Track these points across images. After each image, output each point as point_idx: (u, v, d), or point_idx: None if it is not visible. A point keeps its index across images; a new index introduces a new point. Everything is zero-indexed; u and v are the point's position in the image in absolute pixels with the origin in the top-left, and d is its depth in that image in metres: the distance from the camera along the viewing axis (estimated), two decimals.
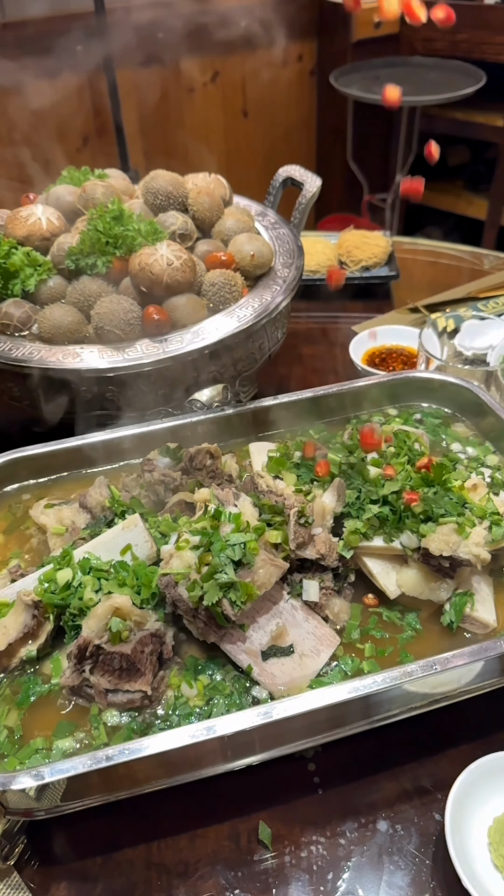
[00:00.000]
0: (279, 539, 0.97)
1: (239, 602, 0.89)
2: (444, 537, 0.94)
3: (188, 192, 1.48)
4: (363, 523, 1.00)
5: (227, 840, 0.93)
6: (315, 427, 1.31)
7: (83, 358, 1.24)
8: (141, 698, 0.89)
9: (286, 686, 0.91)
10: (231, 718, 0.82)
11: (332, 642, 0.95)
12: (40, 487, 1.22)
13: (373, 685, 0.84)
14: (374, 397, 1.34)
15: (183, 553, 0.93)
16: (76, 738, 0.89)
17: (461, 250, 2.27)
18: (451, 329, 1.54)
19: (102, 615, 0.90)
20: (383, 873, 0.89)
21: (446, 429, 1.29)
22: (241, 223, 1.48)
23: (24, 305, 1.31)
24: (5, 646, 0.93)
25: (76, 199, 1.45)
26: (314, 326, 1.96)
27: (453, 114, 3.84)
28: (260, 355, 1.42)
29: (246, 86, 3.79)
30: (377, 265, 2.04)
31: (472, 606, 0.97)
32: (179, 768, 0.87)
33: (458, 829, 0.87)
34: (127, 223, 1.32)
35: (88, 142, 3.42)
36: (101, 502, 1.08)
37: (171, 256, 1.28)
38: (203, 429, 1.26)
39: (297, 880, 0.89)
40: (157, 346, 1.26)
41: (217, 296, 1.35)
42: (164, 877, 0.90)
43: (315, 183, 1.59)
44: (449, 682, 0.90)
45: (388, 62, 3.72)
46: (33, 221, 1.39)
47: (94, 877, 0.91)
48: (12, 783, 0.78)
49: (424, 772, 0.98)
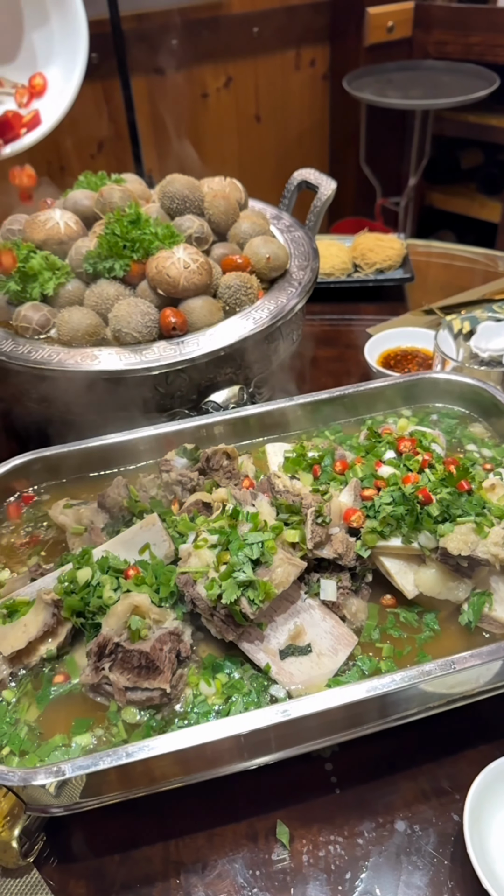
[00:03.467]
0: (297, 538, 0.97)
1: (257, 601, 0.90)
2: (463, 537, 0.94)
3: (204, 195, 1.49)
4: (379, 522, 1.00)
5: (244, 839, 0.93)
6: (331, 428, 1.31)
7: (101, 360, 1.25)
8: (160, 696, 0.89)
9: (304, 685, 0.91)
10: (249, 716, 0.82)
11: (349, 642, 0.95)
12: (59, 487, 1.23)
13: (390, 684, 0.84)
14: (390, 398, 1.34)
15: (201, 552, 0.94)
16: (95, 735, 0.89)
17: (475, 252, 2.27)
18: (466, 331, 1.54)
19: (122, 613, 0.91)
20: (401, 873, 0.89)
21: (463, 429, 1.29)
22: (256, 226, 1.49)
23: (42, 309, 1.33)
24: (25, 644, 0.94)
25: (93, 204, 1.46)
26: (329, 329, 1.96)
27: (466, 117, 3.84)
28: (275, 357, 1.43)
29: (259, 91, 3.81)
30: (392, 268, 2.05)
31: (490, 606, 0.97)
32: (198, 766, 0.88)
33: (476, 829, 0.87)
34: (144, 227, 1.33)
35: (103, 148, 3.45)
36: (120, 502, 1.09)
37: (187, 259, 1.30)
38: (219, 430, 1.27)
39: (314, 880, 0.89)
40: (173, 348, 1.27)
41: (233, 298, 1.35)
42: (182, 875, 0.91)
43: (330, 186, 1.60)
44: (467, 681, 0.90)
45: (400, 66, 3.73)
46: (51, 226, 1.41)
47: (113, 875, 0.91)
48: (33, 779, 0.78)
49: (442, 772, 0.98)
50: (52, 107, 1.69)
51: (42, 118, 1.68)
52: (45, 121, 1.68)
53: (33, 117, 1.66)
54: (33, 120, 1.66)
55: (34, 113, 1.67)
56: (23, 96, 1.70)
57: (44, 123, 1.68)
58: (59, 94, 1.70)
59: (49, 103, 1.70)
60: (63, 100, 1.69)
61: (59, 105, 1.69)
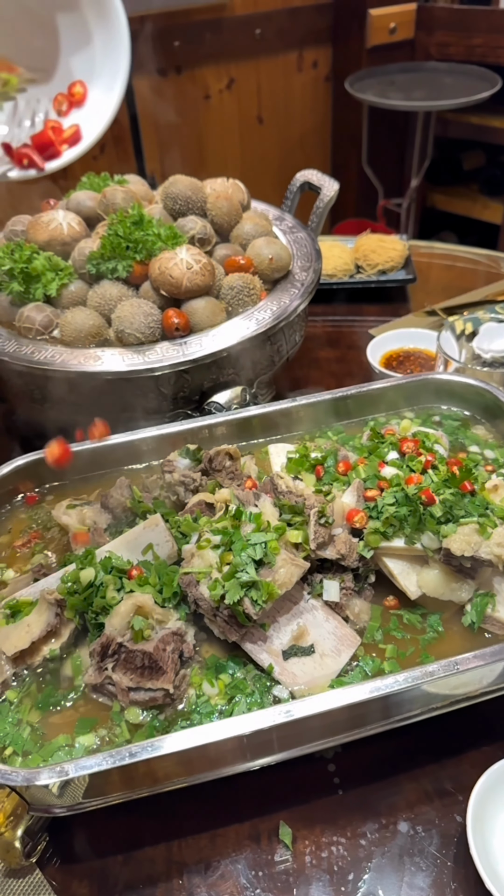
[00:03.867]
0: (300, 539, 0.97)
1: (260, 601, 0.90)
2: (466, 538, 0.94)
3: (207, 196, 1.49)
4: (382, 523, 1.00)
5: (247, 839, 0.93)
6: (333, 429, 1.31)
7: (104, 361, 1.25)
8: (163, 696, 0.89)
9: (307, 685, 0.91)
10: (253, 717, 0.82)
11: (352, 642, 0.95)
12: (62, 488, 1.24)
13: (394, 685, 0.84)
14: (393, 399, 1.34)
15: (204, 552, 0.94)
16: (98, 735, 0.89)
17: (477, 254, 2.27)
18: (469, 332, 1.54)
19: (125, 613, 0.91)
20: (404, 874, 0.89)
21: (466, 431, 1.29)
22: (259, 227, 1.49)
23: (45, 309, 1.33)
24: (29, 644, 0.94)
25: (96, 205, 1.47)
26: (331, 330, 1.96)
27: (468, 118, 3.85)
28: (278, 358, 1.43)
29: (261, 92, 3.81)
30: (394, 269, 2.05)
31: (493, 607, 0.97)
32: (201, 767, 0.88)
33: (479, 830, 0.87)
34: (147, 228, 1.34)
35: (105, 149, 3.45)
36: (123, 503, 1.09)
37: (190, 260, 1.30)
38: (222, 431, 1.27)
39: (317, 880, 0.89)
40: (176, 349, 1.27)
41: (235, 299, 1.36)
42: (185, 875, 0.90)
43: (332, 187, 1.60)
44: (470, 682, 0.90)
45: (402, 67, 3.74)
46: (54, 227, 1.41)
47: (115, 875, 0.91)
48: (37, 779, 0.78)
49: (445, 773, 0.98)
50: (92, 121, 1.65)
51: (83, 133, 1.64)
52: (85, 136, 1.64)
53: (74, 133, 1.63)
54: (74, 136, 1.63)
55: (75, 128, 1.63)
56: (62, 104, 1.66)
57: (84, 139, 1.64)
58: (100, 106, 1.66)
59: (89, 116, 1.66)
60: (104, 113, 1.64)
61: (99, 119, 1.64)
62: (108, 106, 1.66)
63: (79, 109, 1.67)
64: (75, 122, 1.66)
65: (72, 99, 1.67)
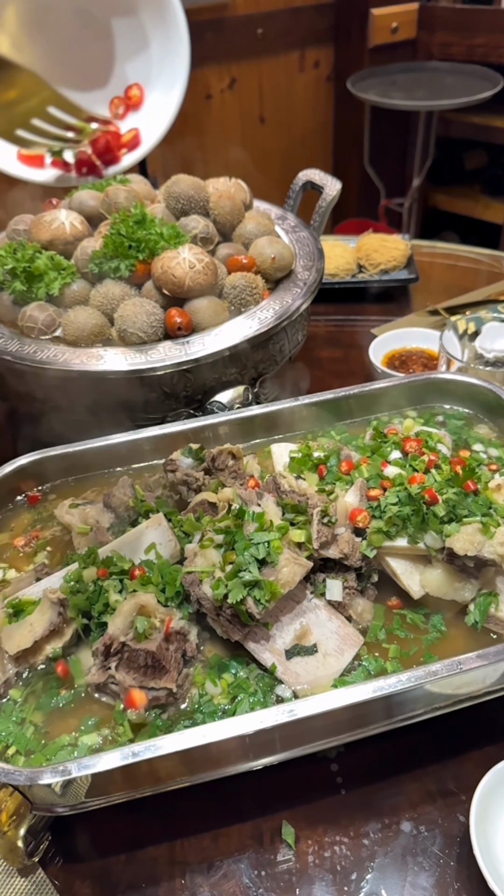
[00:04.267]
0: (302, 538, 0.97)
1: (263, 600, 0.90)
2: (469, 537, 0.94)
3: (209, 196, 1.49)
4: (385, 522, 1.00)
5: (250, 839, 0.93)
6: (336, 428, 1.31)
7: (106, 360, 1.25)
8: (166, 696, 0.89)
9: (310, 685, 0.91)
10: (256, 716, 0.82)
11: (355, 642, 0.95)
12: (65, 487, 1.24)
13: (397, 684, 0.84)
14: (395, 399, 1.34)
15: (207, 551, 0.94)
16: (101, 735, 0.89)
17: (480, 253, 2.26)
18: (471, 331, 1.53)
19: (128, 613, 0.91)
20: (407, 874, 0.89)
21: (469, 430, 1.29)
22: (261, 226, 1.49)
23: (48, 309, 1.33)
24: (31, 643, 0.93)
25: (99, 204, 1.47)
26: (334, 329, 1.96)
27: (470, 118, 3.84)
28: (280, 357, 1.43)
29: (263, 92, 3.81)
30: (396, 268, 2.04)
31: (496, 607, 0.97)
32: (203, 766, 0.87)
33: (482, 830, 0.87)
34: (149, 227, 1.34)
35: None
36: (125, 502, 1.09)
37: (192, 260, 1.30)
38: (224, 430, 1.27)
39: (320, 880, 0.89)
40: (178, 349, 1.27)
41: (238, 298, 1.36)
42: (188, 875, 0.90)
43: (335, 186, 1.60)
44: (473, 682, 0.90)
45: (404, 67, 3.74)
46: (57, 226, 1.41)
47: (118, 875, 0.91)
48: (40, 778, 0.78)
49: (448, 773, 0.98)
50: (151, 124, 1.61)
51: (142, 138, 1.60)
52: (145, 140, 1.61)
53: (133, 137, 1.60)
54: (133, 140, 1.60)
55: (134, 132, 1.60)
56: (118, 107, 1.63)
57: (144, 143, 1.61)
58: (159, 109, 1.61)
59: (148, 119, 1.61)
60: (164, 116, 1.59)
61: (159, 122, 1.60)
62: (168, 108, 1.63)
63: (136, 113, 1.64)
64: (133, 125, 1.63)
65: (129, 102, 1.64)
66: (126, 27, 1.63)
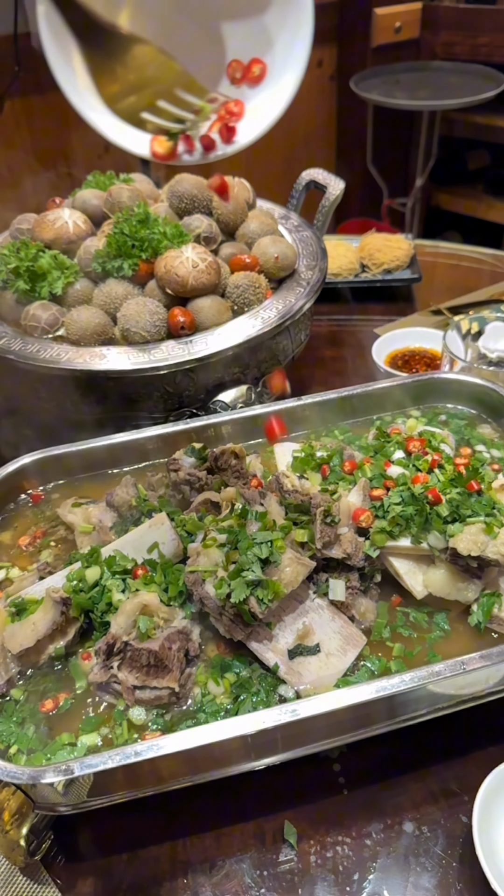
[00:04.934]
0: (305, 538, 0.97)
1: (266, 600, 0.89)
2: (473, 537, 0.93)
3: (212, 195, 1.49)
4: (388, 522, 1.00)
5: (252, 839, 0.93)
6: (339, 428, 1.31)
7: (109, 359, 1.25)
8: (168, 695, 0.89)
9: (313, 685, 0.91)
10: (258, 716, 0.82)
11: (358, 642, 0.95)
12: (67, 486, 1.24)
13: (399, 685, 0.84)
14: (398, 399, 1.34)
15: (210, 551, 0.94)
16: (101, 735, 0.89)
17: (482, 253, 2.26)
18: (475, 331, 1.53)
19: (131, 612, 0.91)
20: (409, 875, 0.89)
21: (472, 430, 1.29)
22: (264, 226, 1.49)
23: (51, 308, 1.33)
24: (34, 642, 0.93)
25: (102, 203, 1.47)
26: (336, 329, 1.96)
27: (473, 118, 3.84)
28: (283, 357, 1.43)
29: None
30: (399, 268, 2.04)
31: (500, 607, 0.97)
32: (206, 766, 0.87)
33: (485, 830, 0.87)
34: (152, 226, 1.34)
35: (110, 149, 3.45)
36: (128, 501, 1.09)
37: (196, 259, 1.30)
38: (227, 429, 1.26)
39: (322, 880, 0.89)
40: (181, 348, 1.27)
41: (241, 298, 1.35)
42: (190, 874, 0.90)
43: (338, 186, 1.60)
44: (476, 682, 0.90)
45: (407, 67, 3.73)
46: (60, 225, 1.41)
47: (120, 873, 0.91)
48: (42, 777, 0.78)
49: (451, 774, 0.98)
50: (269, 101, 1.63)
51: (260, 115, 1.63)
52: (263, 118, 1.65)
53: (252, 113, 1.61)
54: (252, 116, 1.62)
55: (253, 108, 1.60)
56: (235, 71, 1.64)
57: (263, 120, 1.65)
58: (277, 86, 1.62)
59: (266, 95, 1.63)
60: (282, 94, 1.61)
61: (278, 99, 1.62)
62: (287, 86, 1.64)
63: (254, 87, 1.66)
64: (253, 101, 1.64)
65: (250, 76, 1.66)
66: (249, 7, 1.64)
